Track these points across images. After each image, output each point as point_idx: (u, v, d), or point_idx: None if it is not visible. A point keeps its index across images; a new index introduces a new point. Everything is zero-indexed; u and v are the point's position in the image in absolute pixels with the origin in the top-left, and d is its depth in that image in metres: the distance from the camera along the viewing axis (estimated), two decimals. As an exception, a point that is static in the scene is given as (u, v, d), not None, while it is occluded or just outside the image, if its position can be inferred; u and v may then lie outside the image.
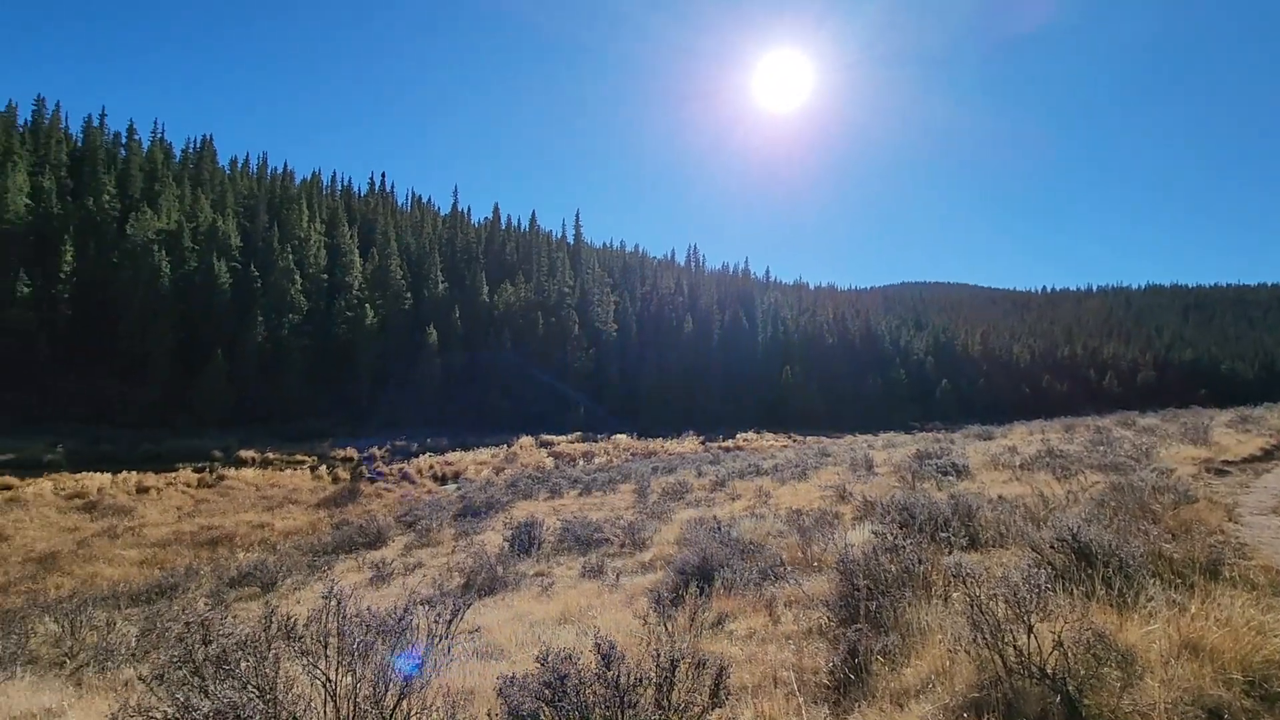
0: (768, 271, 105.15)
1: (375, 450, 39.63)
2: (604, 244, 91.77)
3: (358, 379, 50.69)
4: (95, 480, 26.52)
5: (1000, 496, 8.69)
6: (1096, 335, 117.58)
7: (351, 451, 39.04)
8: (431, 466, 34.05)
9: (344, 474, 32.05)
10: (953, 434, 27.93)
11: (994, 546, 6.34)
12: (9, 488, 24.89)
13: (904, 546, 5.33)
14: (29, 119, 54.57)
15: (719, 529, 9.61)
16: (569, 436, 47.46)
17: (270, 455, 36.22)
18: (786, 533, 9.36)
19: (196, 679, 2.17)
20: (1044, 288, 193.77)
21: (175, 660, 2.24)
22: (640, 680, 2.64)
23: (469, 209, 79.97)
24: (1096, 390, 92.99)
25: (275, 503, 24.65)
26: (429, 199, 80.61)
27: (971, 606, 3.51)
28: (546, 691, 2.55)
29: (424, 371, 51.84)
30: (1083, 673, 3.05)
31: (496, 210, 75.30)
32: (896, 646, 3.91)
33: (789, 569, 7.10)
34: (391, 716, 2.35)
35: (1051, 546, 4.80)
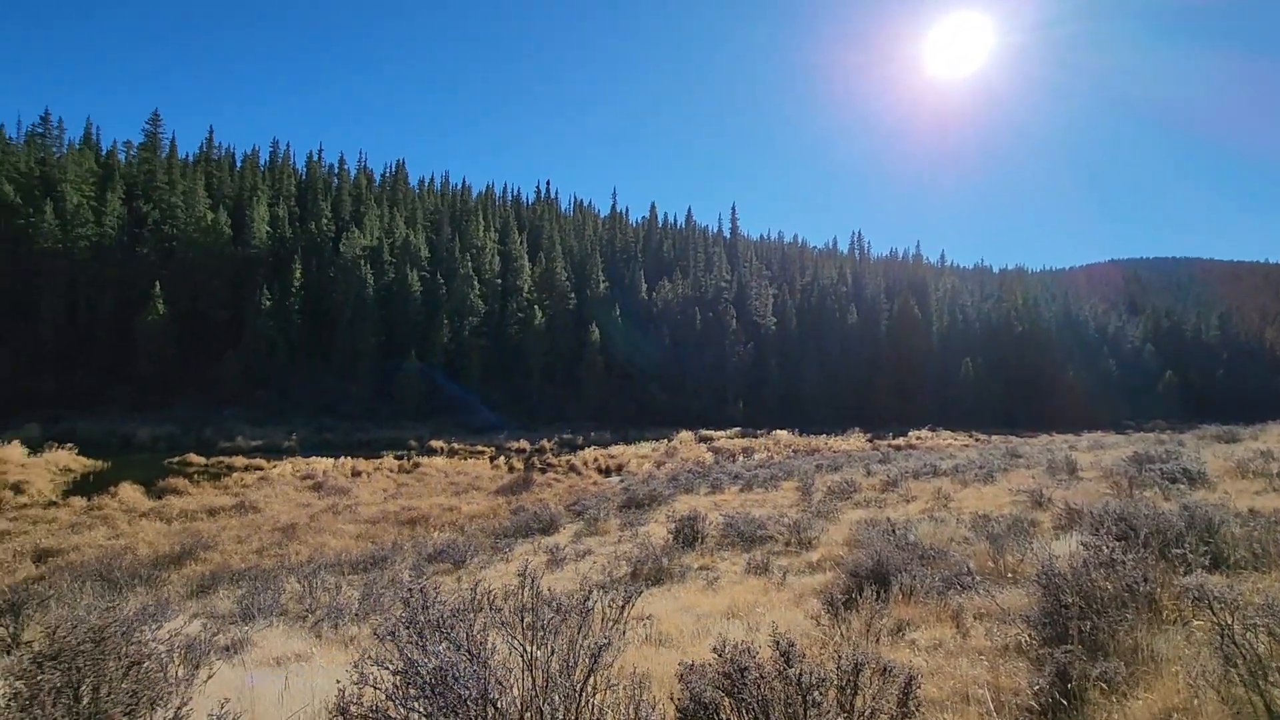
0: (942, 256, 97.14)
1: (544, 443, 42.39)
2: (761, 236, 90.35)
3: (528, 376, 54.59)
4: (321, 464, 31.14)
5: (1252, 510, 7.31)
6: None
7: (524, 443, 42.12)
8: (596, 459, 35.71)
9: (518, 464, 34.67)
10: (1180, 435, 23.89)
11: (1246, 569, 5.36)
12: (260, 469, 30.10)
13: (1123, 562, 4.68)
14: (267, 159, 65.37)
15: (893, 531, 9.09)
16: (728, 432, 47.39)
17: (455, 445, 40.20)
18: (972, 539, 8.62)
19: (420, 639, 2.49)
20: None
21: (403, 621, 2.58)
22: (822, 681, 2.58)
23: (627, 209, 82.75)
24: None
25: (461, 488, 27.26)
26: (589, 202, 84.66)
27: (1221, 637, 3.00)
28: (726, 682, 2.58)
29: (587, 368, 54.52)
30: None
31: (653, 209, 77.09)
32: (1119, 674, 3.45)
33: (977, 578, 6.54)
34: (582, 689, 2.52)
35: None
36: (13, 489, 23.67)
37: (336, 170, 67.58)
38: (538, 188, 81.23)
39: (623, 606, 5.42)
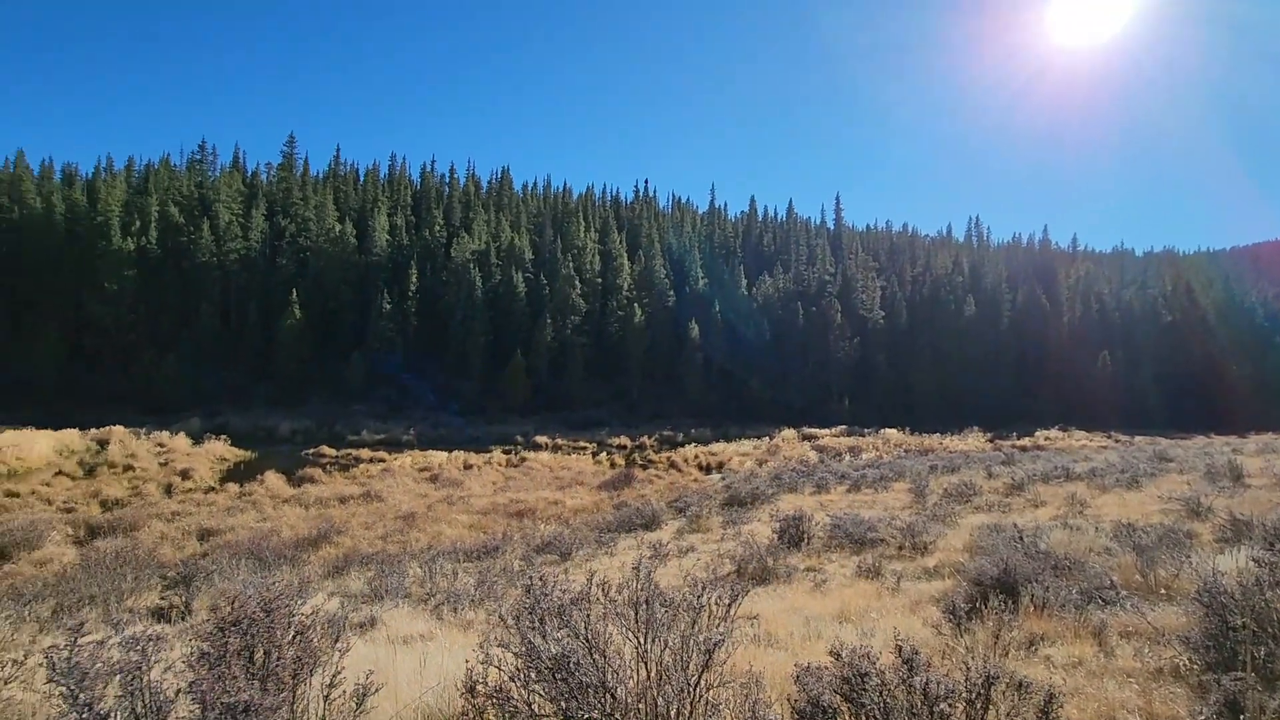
0: (1074, 240, 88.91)
1: (645, 439, 42.90)
2: (867, 226, 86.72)
3: (628, 373, 55.40)
4: (436, 457, 33.13)
5: None
6: None
7: (625, 439, 42.82)
8: (696, 456, 35.69)
9: (619, 460, 35.30)
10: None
11: None
12: (383, 461, 32.46)
13: (1309, 582, 4.11)
14: (386, 173, 70.33)
15: (1021, 538, 8.47)
16: (833, 430, 45.91)
17: (559, 441, 41.51)
18: (1115, 550, 7.89)
19: (540, 625, 2.60)
20: None
21: (525, 607, 2.70)
22: (950, 692, 2.45)
23: (725, 204, 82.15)
24: None
25: (565, 483, 28.11)
26: (687, 199, 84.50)
27: None
28: (845, 686, 2.51)
29: (686, 365, 54.57)
30: None
31: (753, 203, 76.02)
32: (1306, 709, 3.04)
33: (1121, 593, 5.97)
34: (696, 684, 2.53)
35: None
36: (181, 475, 26.92)
37: (447, 179, 71.61)
38: (636, 187, 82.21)
39: (729, 605, 5.39)
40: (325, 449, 35.45)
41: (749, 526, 14.86)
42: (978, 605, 5.61)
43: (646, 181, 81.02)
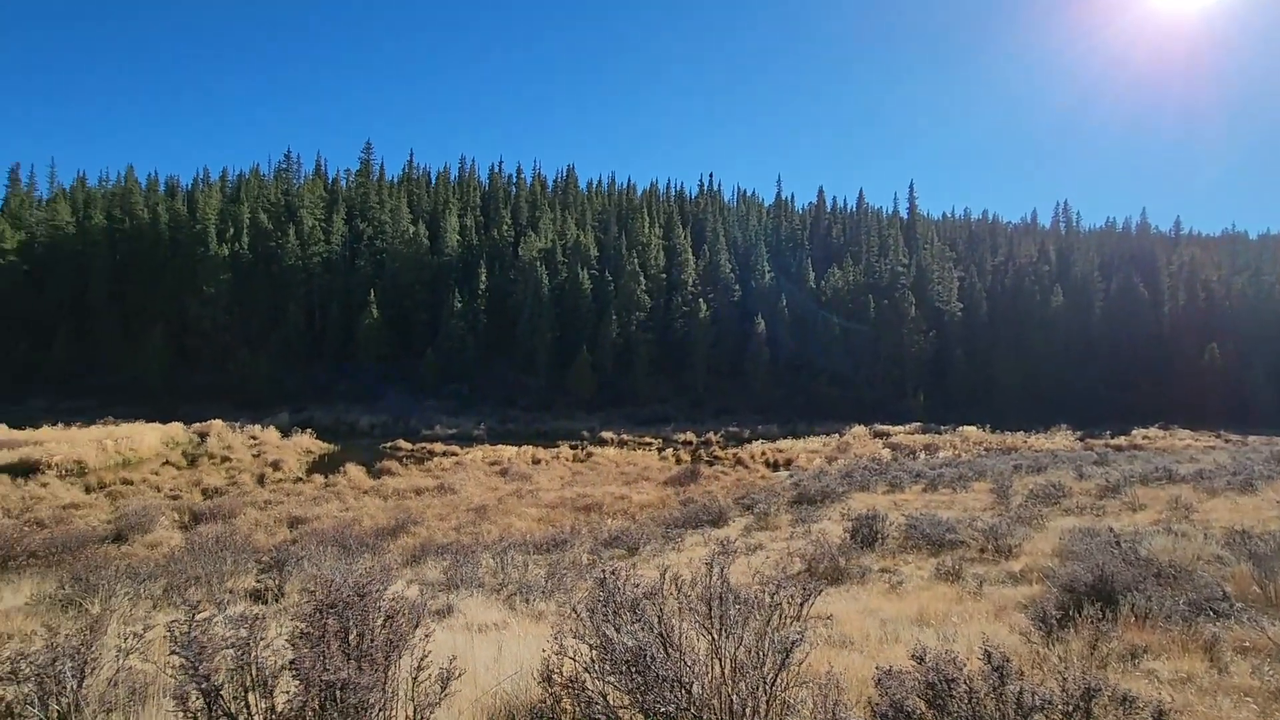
0: (1177, 223, 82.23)
1: (710, 435, 42.70)
2: (944, 214, 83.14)
3: (693, 369, 55.21)
4: (505, 452, 34.00)
5: None
6: None
7: (690, 435, 42.73)
8: (764, 453, 35.22)
9: (685, 456, 35.24)
10: None
11: None
12: (455, 454, 33.56)
13: None
14: (456, 175, 72.60)
15: (1118, 543, 7.94)
16: (907, 427, 44.36)
17: (625, 436, 41.83)
18: (1227, 559, 7.30)
19: (615, 618, 2.63)
20: None
21: (599, 599, 2.73)
22: (1046, 703, 2.32)
23: (792, 196, 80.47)
24: None
25: (631, 478, 28.28)
26: (753, 192, 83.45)
27: None
28: (929, 692, 2.42)
29: (753, 361, 53.90)
30: None
31: (821, 194, 74.23)
32: None
33: (1236, 605, 5.52)
34: (774, 682, 2.50)
35: None
36: (272, 466, 28.68)
37: (514, 180, 73.28)
38: (700, 181, 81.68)
39: (802, 604, 5.29)
40: (401, 443, 36.98)
41: (819, 525, 14.56)
42: (1070, 613, 5.31)
43: (711, 175, 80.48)
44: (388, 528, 18.25)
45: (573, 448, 36.55)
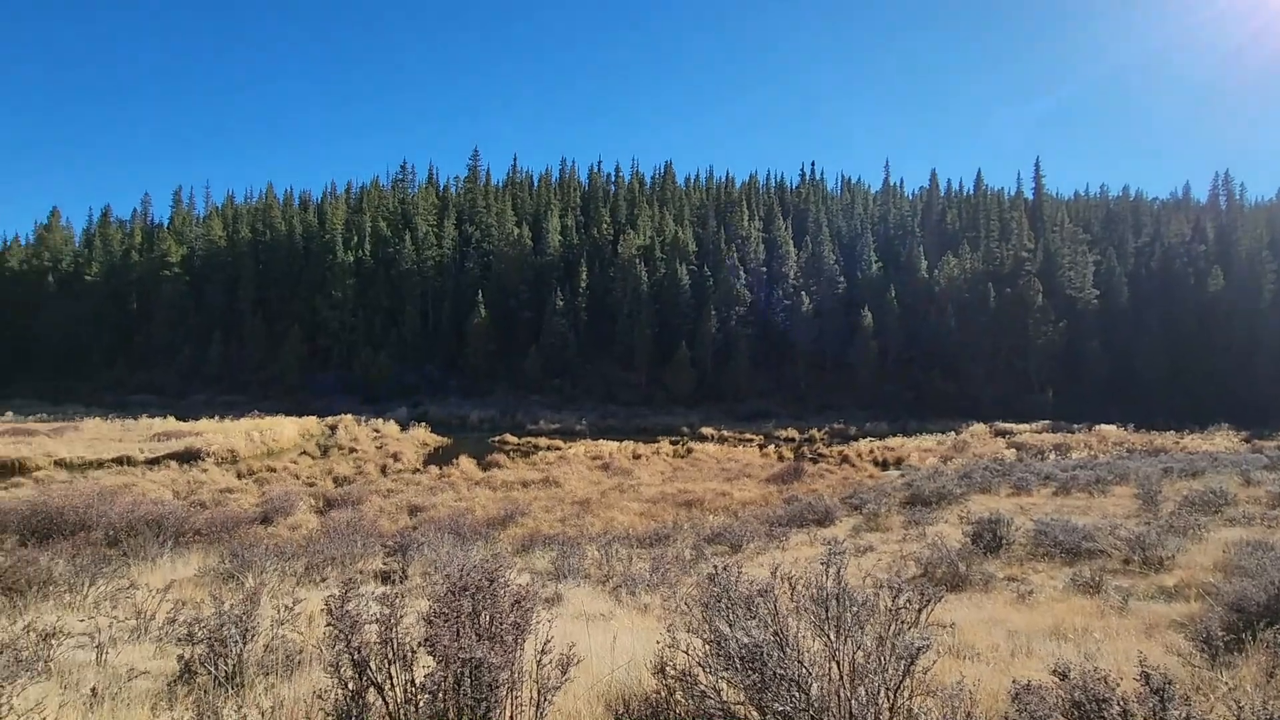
0: (1368, 190, 71.02)
1: (814, 432, 41.55)
2: (1076, 193, 76.26)
3: (795, 364, 53.90)
4: (606, 447, 34.68)
5: None
6: None
7: (793, 432, 41.78)
8: (871, 451, 33.84)
9: (788, 453, 34.50)
10: None
11: None
12: (558, 449, 34.63)
13: None
14: (557, 176, 74.80)
15: (1299, 560, 6.98)
16: (1033, 425, 41.16)
17: (725, 432, 41.53)
18: None
19: (729, 614, 2.61)
20: None
21: (711, 595, 2.73)
22: (1219, 733, 2.07)
23: (901, 181, 76.30)
24: None
25: (732, 475, 28.03)
26: (858, 179, 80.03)
27: None
28: (1075, 712, 2.23)
29: (859, 355, 51.88)
30: None
31: (934, 177, 70.06)
32: None
33: None
34: (897, 689, 2.39)
35: None
36: (392, 457, 30.80)
37: (613, 178, 74.49)
38: (802, 171, 79.23)
39: (920, 610, 5.03)
40: (508, 437, 38.62)
41: (935, 528, 13.82)
42: (1240, 636, 4.73)
43: (813, 164, 77.33)
44: (497, 518, 19.10)
45: (673, 443, 36.71)
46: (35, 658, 3.99)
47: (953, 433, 38.38)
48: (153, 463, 27.36)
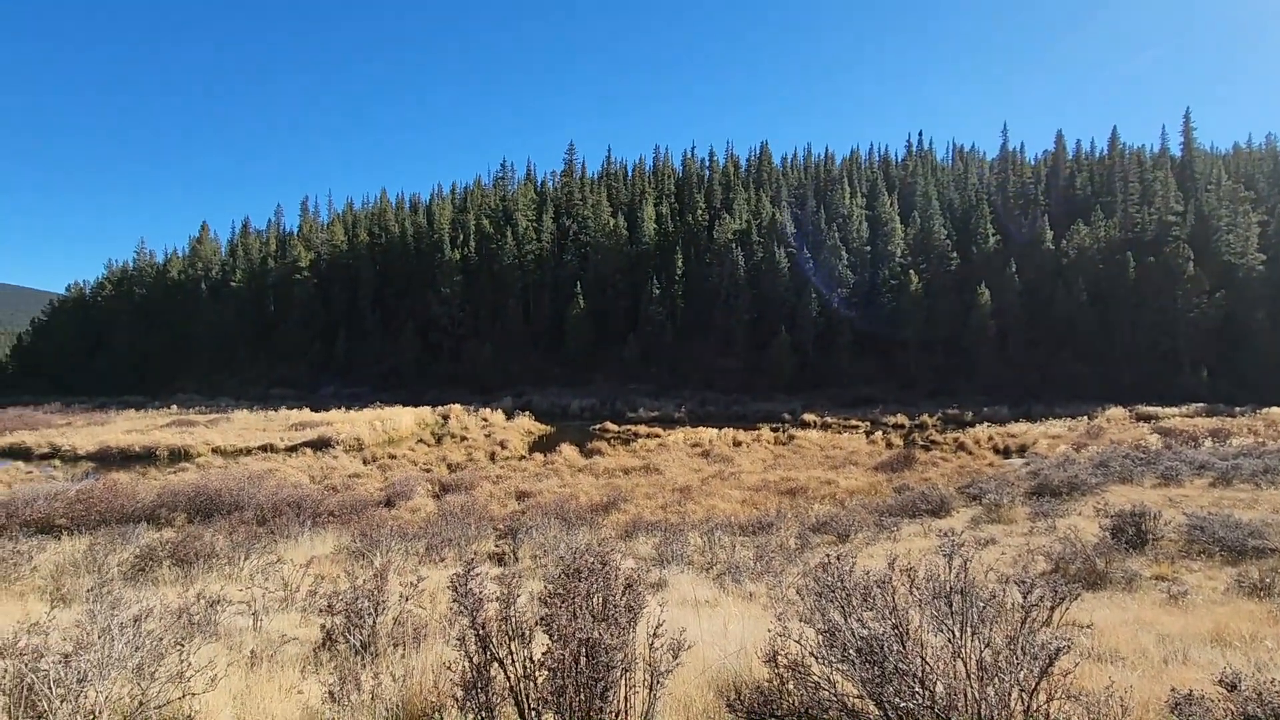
0: None
1: (925, 418, 39.59)
2: (1235, 146, 67.42)
3: (904, 347, 51.38)
4: (706, 434, 34.59)
5: None
6: None
7: (902, 418, 39.96)
8: (990, 438, 31.75)
9: (896, 440, 33.01)
10: None
11: None
12: (658, 436, 34.92)
13: None
14: (651, 165, 75.10)
15: None
16: (1183, 409, 37.08)
17: (828, 419, 40.34)
18: None
19: (845, 603, 2.53)
20: None
21: (826, 584, 2.66)
22: None
23: (1021, 146, 70.38)
24: None
25: (837, 462, 27.19)
26: (972, 146, 74.85)
27: None
28: (1250, 727, 1.98)
29: (974, 335, 48.72)
30: None
31: (1059, 139, 64.15)
32: None
33: None
34: (1033, 691, 2.24)
35: None
36: (499, 445, 32.24)
37: (707, 163, 73.74)
38: (908, 142, 75.25)
39: (1053, 607, 4.71)
40: (609, 425, 39.38)
41: (1066, 520, 12.80)
42: None
43: (920, 134, 73.04)
44: (600, 504, 19.55)
45: (774, 430, 36.09)
46: (205, 621, 4.52)
47: (1085, 417, 35.28)
48: (291, 450, 30.14)
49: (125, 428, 35.67)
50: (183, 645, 2.94)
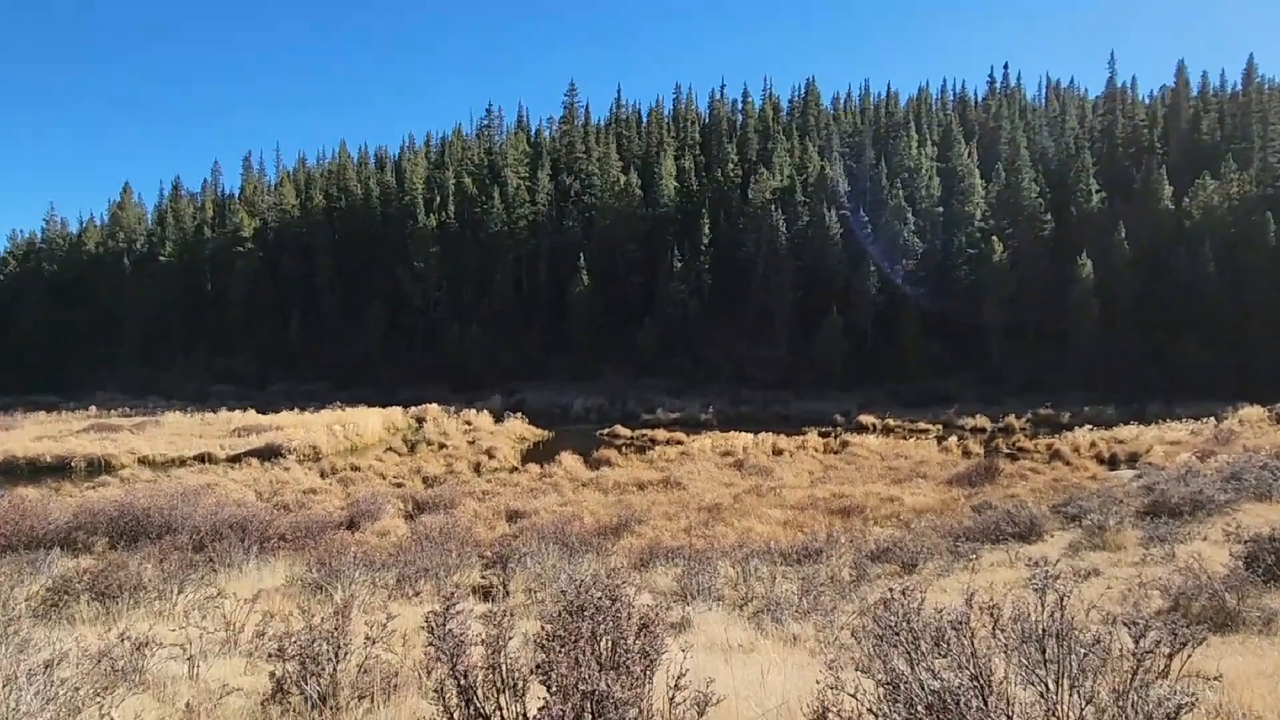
0: None
1: (1011, 419, 39.52)
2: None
3: (985, 330, 51.02)
4: (739, 439, 34.65)
5: None
6: None
7: (982, 420, 39.80)
8: (1093, 444, 31.60)
9: (975, 447, 32.89)
10: None
11: None
12: (679, 443, 35.04)
13: None
14: (670, 109, 74.94)
15: None
16: (1336, 408, 36.53)
17: (890, 422, 40.24)
18: None
19: (913, 650, 2.53)
20: None
21: (888, 626, 2.65)
22: None
23: (1133, 80, 69.32)
24: None
25: (902, 475, 27.16)
26: (1070, 82, 74.15)
27: None
28: None
29: (1075, 316, 48.28)
30: None
31: (1180, 71, 63.12)
32: None
33: None
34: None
35: None
36: (486, 454, 32.51)
37: (740, 106, 73.54)
38: (990, 77, 74.01)
39: (1171, 654, 4.71)
40: (619, 429, 39.54)
41: (1188, 546, 12.71)
42: None
43: (1005, 67, 71.24)
44: (610, 525, 19.65)
45: (823, 435, 36.08)
46: (131, 668, 4.61)
47: (1212, 419, 34.95)
48: (234, 460, 30.59)
49: (34, 434, 36.40)
50: (103, 697, 2.99)
